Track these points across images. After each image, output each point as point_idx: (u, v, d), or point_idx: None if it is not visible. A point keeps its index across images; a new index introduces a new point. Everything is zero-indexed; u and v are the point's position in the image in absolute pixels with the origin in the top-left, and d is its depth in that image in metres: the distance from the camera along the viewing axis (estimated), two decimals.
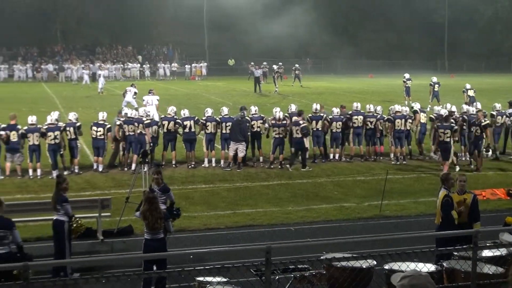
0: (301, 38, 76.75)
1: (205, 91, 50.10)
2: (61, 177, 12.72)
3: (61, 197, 12.10)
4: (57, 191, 12.13)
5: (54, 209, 12.10)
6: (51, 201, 12.17)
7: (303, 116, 21.52)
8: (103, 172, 20.30)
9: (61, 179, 12.45)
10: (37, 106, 35.60)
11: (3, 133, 19.35)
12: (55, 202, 12.06)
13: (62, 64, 66.06)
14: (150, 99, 28.54)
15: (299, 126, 20.94)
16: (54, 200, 12.10)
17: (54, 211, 12.11)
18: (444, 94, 38.20)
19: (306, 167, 21.00)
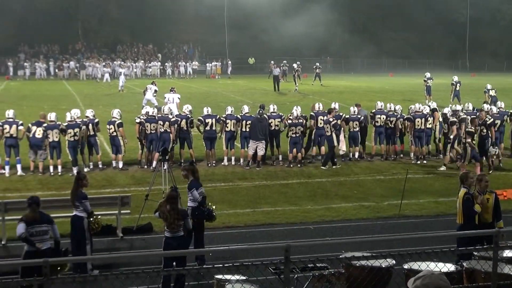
0: (321, 37, 76.53)
1: (225, 89, 50.17)
2: (81, 173, 12.82)
3: (80, 193, 12.19)
4: (76, 187, 12.23)
5: (73, 205, 12.20)
6: (70, 197, 12.28)
7: (333, 114, 21.51)
8: (124, 169, 20.41)
9: (81, 175, 12.57)
10: (58, 104, 35.88)
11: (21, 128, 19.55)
12: (74, 198, 12.16)
13: (83, 62, 66.46)
14: (171, 97, 28.64)
15: (330, 123, 20.95)
16: (73, 196, 12.21)
17: (73, 207, 12.20)
18: (465, 93, 37.97)
19: (326, 166, 20.99)
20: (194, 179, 12.67)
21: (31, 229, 10.49)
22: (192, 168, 12.93)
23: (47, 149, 19.70)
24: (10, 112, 20.06)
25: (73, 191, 12.28)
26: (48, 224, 10.67)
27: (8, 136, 19.60)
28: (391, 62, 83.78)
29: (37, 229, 10.53)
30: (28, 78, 62.66)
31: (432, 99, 33.94)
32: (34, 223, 10.54)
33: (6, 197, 16.18)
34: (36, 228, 10.52)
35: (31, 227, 10.50)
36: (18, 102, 36.81)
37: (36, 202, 10.71)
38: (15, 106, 23.05)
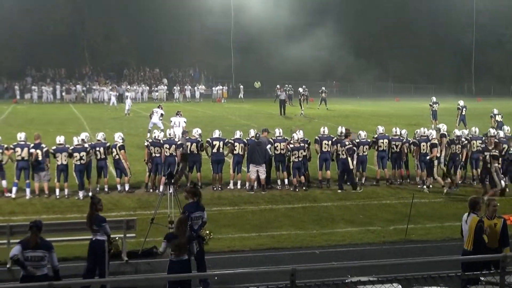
0: (327, 61, 76.86)
1: (231, 113, 50.27)
2: (95, 197, 12.77)
3: (99, 217, 12.22)
4: (92, 212, 12.23)
5: (91, 230, 12.17)
6: (87, 221, 12.26)
7: (350, 137, 21.55)
8: (129, 192, 20.42)
9: (96, 199, 12.53)
10: (64, 127, 36.03)
11: (33, 151, 19.60)
12: (91, 223, 12.13)
13: (90, 86, 66.82)
14: (177, 120, 28.69)
15: (345, 146, 21.03)
16: (90, 221, 12.18)
17: (91, 232, 12.17)
18: (471, 118, 37.94)
19: (357, 188, 21.07)
20: (193, 201, 12.66)
21: (26, 253, 10.38)
22: (194, 191, 12.91)
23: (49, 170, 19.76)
24: (22, 135, 20.13)
25: (90, 215, 12.26)
26: (45, 251, 10.47)
27: (19, 159, 19.64)
28: (397, 87, 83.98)
29: (32, 254, 10.39)
30: (35, 101, 62.96)
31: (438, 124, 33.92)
32: (30, 247, 10.43)
33: (12, 220, 16.20)
34: (30, 253, 10.38)
35: (27, 251, 10.39)
36: (25, 125, 36.94)
37: (38, 226, 10.63)
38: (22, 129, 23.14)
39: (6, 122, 40.31)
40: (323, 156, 21.75)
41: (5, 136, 22.77)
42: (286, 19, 75.67)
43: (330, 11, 79.37)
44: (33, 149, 19.69)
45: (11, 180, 19.80)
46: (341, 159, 21.41)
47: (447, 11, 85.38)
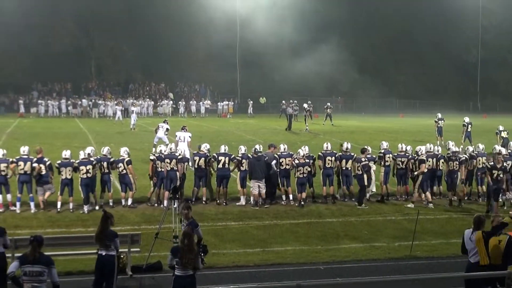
0: (332, 77, 77.07)
1: (236, 128, 50.32)
2: (107, 212, 12.72)
3: (112, 232, 12.21)
4: (105, 227, 12.18)
5: (103, 245, 12.09)
6: (99, 236, 12.15)
7: (366, 153, 21.60)
8: (132, 207, 20.42)
9: (108, 214, 12.49)
10: (70, 141, 36.09)
11: (36, 165, 19.64)
12: (104, 238, 12.08)
13: (95, 100, 67.05)
14: (183, 135, 28.71)
15: (361, 163, 21.07)
16: (103, 236, 12.10)
17: (102, 247, 12.11)
18: (476, 135, 37.89)
19: (362, 205, 21.03)
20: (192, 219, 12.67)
21: (24, 268, 10.34)
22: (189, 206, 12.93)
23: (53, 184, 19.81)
24: (25, 149, 20.18)
25: (102, 230, 12.16)
26: (44, 266, 10.40)
27: (22, 172, 19.69)
28: (402, 103, 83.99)
29: (30, 269, 10.34)
30: (41, 115, 63.16)
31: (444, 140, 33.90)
32: (28, 262, 10.38)
33: (17, 233, 16.18)
34: (29, 268, 10.34)
35: (25, 266, 10.35)
36: (30, 139, 37.00)
37: (38, 240, 10.58)
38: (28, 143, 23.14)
39: (12, 136, 40.39)
40: (326, 172, 21.75)
41: (10, 150, 22.82)
42: (291, 35, 76.01)
43: (334, 27, 79.60)
44: (36, 163, 19.72)
45: (15, 194, 19.82)
46: (357, 175, 21.42)
47: (453, 27, 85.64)
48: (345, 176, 21.95)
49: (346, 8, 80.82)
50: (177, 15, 75.71)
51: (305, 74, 74.28)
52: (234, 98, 76.77)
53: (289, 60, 77.66)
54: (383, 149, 22.68)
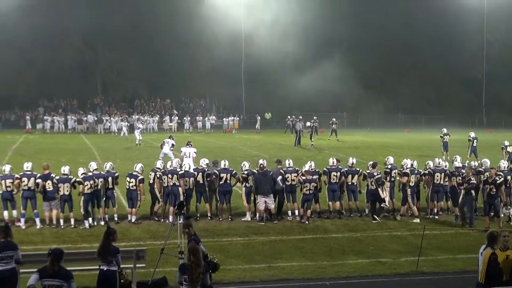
0: (336, 92, 77.04)
1: (241, 144, 50.36)
2: (110, 228, 12.67)
3: (114, 247, 12.17)
4: (108, 243, 12.14)
5: (105, 261, 12.06)
6: (101, 251, 12.11)
7: (378, 168, 21.58)
8: (136, 223, 20.41)
9: (111, 230, 12.43)
10: (76, 157, 36.16)
11: (40, 181, 19.68)
12: (106, 254, 12.04)
13: (101, 116, 67.26)
14: (188, 151, 28.77)
15: (374, 177, 21.09)
16: (105, 252, 12.07)
17: (104, 262, 12.08)
18: (482, 150, 37.83)
19: (377, 220, 21.03)
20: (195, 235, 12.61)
21: (44, 282, 10.34)
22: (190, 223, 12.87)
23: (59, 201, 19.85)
24: (29, 165, 20.22)
25: (104, 246, 12.12)
26: (62, 280, 10.38)
27: (26, 188, 19.73)
28: (407, 118, 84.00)
29: (49, 283, 10.33)
30: (47, 131, 63.34)
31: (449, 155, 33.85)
32: (47, 275, 10.37)
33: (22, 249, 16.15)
34: (48, 282, 10.33)
35: (44, 280, 10.34)
36: (36, 155, 37.14)
37: (56, 253, 10.58)
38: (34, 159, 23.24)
39: (18, 152, 40.50)
40: (332, 187, 21.72)
41: (16, 165, 22.85)
42: (294, 51, 76.26)
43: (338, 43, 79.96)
44: (40, 179, 19.74)
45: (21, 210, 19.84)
46: (369, 190, 21.36)
47: (457, 42, 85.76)
48: (350, 191, 21.92)
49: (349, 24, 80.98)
50: (182, 31, 76.00)
51: (309, 89, 74.37)
52: (239, 114, 76.94)
53: (294, 76, 77.79)
54: (389, 165, 22.65)
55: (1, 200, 19.85)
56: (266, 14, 77.19)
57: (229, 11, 75.99)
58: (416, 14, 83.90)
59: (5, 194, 19.69)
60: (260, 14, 77.64)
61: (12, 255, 12.06)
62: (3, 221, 19.29)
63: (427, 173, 21.92)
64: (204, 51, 79.37)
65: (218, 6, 75.62)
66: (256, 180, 21.00)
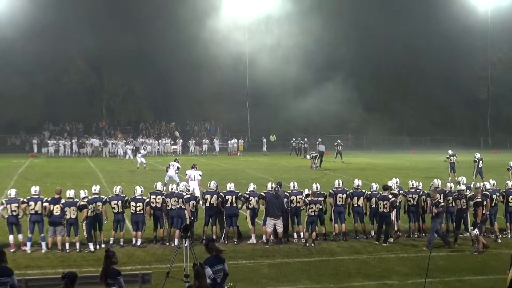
0: (341, 114, 77.21)
1: (246, 166, 50.35)
2: (110, 250, 12.65)
3: (114, 270, 12.13)
4: (108, 265, 12.12)
5: (105, 284, 12.04)
6: (101, 275, 12.13)
7: (389, 190, 21.54)
8: (141, 247, 20.36)
9: (110, 253, 12.40)
10: (81, 181, 36.21)
11: (46, 205, 19.70)
12: (106, 276, 12.01)
13: (106, 139, 67.43)
14: (193, 174, 28.76)
15: (388, 200, 20.94)
16: (105, 274, 12.05)
17: (106, 286, 12.06)
18: (487, 170, 37.74)
19: (387, 242, 20.97)
20: (210, 256, 12.61)
21: None
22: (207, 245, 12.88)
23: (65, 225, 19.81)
24: (36, 189, 20.23)
25: (105, 269, 12.12)
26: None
27: (33, 212, 19.73)
28: (412, 139, 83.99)
29: None
30: (52, 155, 63.47)
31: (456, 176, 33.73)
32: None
33: (28, 274, 16.15)
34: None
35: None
36: (42, 179, 37.21)
37: (70, 277, 10.60)
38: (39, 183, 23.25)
39: (23, 176, 40.57)
40: (337, 209, 21.67)
41: (21, 189, 22.87)
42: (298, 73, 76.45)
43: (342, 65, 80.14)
44: (49, 203, 19.76)
45: (27, 234, 19.82)
46: (382, 213, 21.17)
47: (462, 63, 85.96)
48: (356, 213, 21.85)
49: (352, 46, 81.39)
50: (186, 55, 76.45)
51: (313, 112, 74.58)
52: (244, 136, 77.07)
53: (297, 98, 78.03)
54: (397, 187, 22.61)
55: (7, 224, 19.84)
56: (267, 38, 77.58)
57: (230, 35, 76.36)
58: (419, 35, 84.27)
59: (10, 218, 19.69)
60: (262, 38, 78.08)
61: (7, 282, 11.93)
62: (8, 246, 19.33)
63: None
64: (207, 75, 79.81)
65: (220, 29, 76.02)
66: (268, 202, 20.97)
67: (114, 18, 74.07)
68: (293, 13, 77.48)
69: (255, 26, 79.24)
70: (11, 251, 19.21)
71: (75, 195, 20.14)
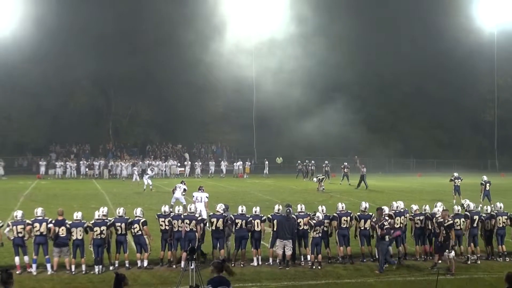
0: (347, 136, 77.14)
1: (253, 188, 50.30)
2: (120, 274, 12.58)
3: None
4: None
5: None
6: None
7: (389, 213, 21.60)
8: (148, 268, 20.30)
9: (120, 276, 12.32)
10: (87, 202, 36.21)
11: (51, 226, 19.70)
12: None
13: (105, 162, 67.49)
14: (200, 196, 28.74)
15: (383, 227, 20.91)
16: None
17: None
18: (495, 193, 37.60)
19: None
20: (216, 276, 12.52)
21: None
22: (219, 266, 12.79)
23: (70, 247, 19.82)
24: (39, 210, 20.27)
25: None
26: None
27: (38, 234, 19.74)
28: (419, 162, 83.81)
29: None
30: (59, 177, 63.55)
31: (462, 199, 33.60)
32: None
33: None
34: None
35: None
36: (48, 201, 37.22)
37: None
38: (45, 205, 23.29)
39: (29, 198, 40.60)
40: (342, 232, 21.60)
41: (28, 211, 22.87)
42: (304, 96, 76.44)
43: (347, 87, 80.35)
44: (53, 224, 19.76)
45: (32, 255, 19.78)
46: None
47: (468, 86, 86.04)
48: (363, 236, 21.77)
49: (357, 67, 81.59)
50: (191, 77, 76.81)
51: (319, 134, 74.49)
52: (251, 158, 77.08)
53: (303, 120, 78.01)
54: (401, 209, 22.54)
55: (13, 245, 19.84)
56: (270, 61, 77.83)
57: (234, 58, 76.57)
58: (425, 57, 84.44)
59: (16, 240, 19.69)
60: (265, 61, 78.38)
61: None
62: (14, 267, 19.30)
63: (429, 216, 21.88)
64: (212, 97, 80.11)
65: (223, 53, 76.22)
66: (278, 224, 20.93)
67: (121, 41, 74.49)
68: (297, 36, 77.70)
69: (258, 49, 79.59)
70: (17, 273, 19.16)
71: (82, 217, 20.16)
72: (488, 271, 19.99)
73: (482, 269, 20.58)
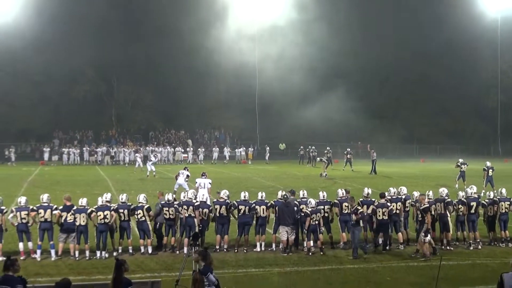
0: (351, 122, 77.12)
1: (256, 174, 50.32)
2: (120, 259, 12.56)
3: (126, 280, 12.05)
4: (120, 275, 12.03)
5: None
6: (112, 285, 12.03)
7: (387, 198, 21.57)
8: (153, 254, 20.38)
9: (121, 261, 12.31)
10: (91, 189, 36.27)
11: (56, 213, 19.77)
12: (118, 286, 11.98)
13: (108, 148, 67.53)
14: (203, 182, 28.76)
15: (387, 208, 21.12)
16: (117, 284, 11.95)
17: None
18: (498, 179, 37.58)
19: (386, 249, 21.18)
20: (205, 264, 12.57)
21: None
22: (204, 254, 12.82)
23: None
24: (45, 197, 20.32)
25: (117, 278, 11.98)
26: None
27: (42, 220, 19.80)
28: (422, 148, 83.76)
29: None
30: (62, 163, 63.64)
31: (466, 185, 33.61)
32: None
33: (38, 281, 16.17)
34: None
35: None
36: (51, 187, 37.30)
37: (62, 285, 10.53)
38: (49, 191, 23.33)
39: (33, 184, 40.69)
40: (344, 218, 21.64)
41: (31, 197, 22.92)
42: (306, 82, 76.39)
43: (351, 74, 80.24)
44: (60, 210, 19.84)
45: (36, 241, 19.86)
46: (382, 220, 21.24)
47: (472, 72, 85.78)
48: (367, 222, 21.77)
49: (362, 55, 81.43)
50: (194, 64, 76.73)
51: (322, 120, 74.44)
52: (253, 144, 77.11)
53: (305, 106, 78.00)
54: (403, 195, 22.54)
55: (17, 231, 19.90)
56: (272, 47, 77.68)
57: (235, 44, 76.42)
58: (428, 44, 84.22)
59: (20, 226, 19.76)
60: (267, 47, 78.24)
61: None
62: (18, 253, 19.38)
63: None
64: (214, 83, 79.98)
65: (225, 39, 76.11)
66: (279, 210, 20.97)
67: (123, 28, 74.42)
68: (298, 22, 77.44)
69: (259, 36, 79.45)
70: (21, 259, 19.21)
71: (87, 203, 20.23)
72: (491, 257, 20.00)
73: (485, 255, 20.60)
